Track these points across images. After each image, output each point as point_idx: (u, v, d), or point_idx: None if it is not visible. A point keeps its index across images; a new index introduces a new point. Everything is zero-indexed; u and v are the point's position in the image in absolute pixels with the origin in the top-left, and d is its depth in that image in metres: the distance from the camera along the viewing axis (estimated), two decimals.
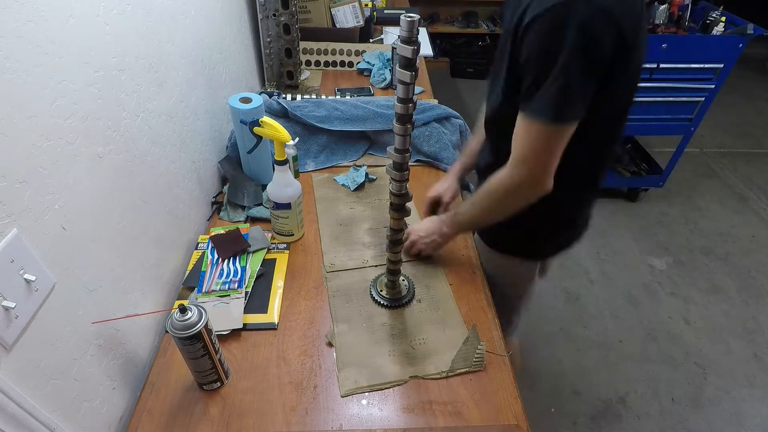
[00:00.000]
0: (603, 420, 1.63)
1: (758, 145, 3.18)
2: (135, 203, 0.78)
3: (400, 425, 0.73)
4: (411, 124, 0.68)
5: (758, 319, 1.99)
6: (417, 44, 0.60)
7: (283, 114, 1.27)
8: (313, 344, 0.84)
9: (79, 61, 0.62)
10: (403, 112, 0.66)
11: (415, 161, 1.30)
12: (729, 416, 1.65)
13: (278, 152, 0.93)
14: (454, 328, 0.87)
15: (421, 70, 1.81)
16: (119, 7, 0.72)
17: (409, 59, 0.61)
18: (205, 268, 0.94)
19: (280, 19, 1.44)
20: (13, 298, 0.51)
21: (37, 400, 0.55)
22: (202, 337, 0.68)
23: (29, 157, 0.54)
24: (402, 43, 0.60)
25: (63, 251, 0.60)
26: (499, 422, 0.73)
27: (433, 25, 3.79)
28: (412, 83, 0.63)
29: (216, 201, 1.15)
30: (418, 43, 0.60)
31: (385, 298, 0.91)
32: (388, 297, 0.91)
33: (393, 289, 0.91)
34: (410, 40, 0.59)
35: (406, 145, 0.70)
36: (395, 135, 0.69)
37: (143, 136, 0.80)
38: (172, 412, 0.74)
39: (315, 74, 1.71)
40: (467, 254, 1.03)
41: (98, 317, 0.67)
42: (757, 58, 4.15)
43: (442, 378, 0.79)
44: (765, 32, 2.03)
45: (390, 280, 0.90)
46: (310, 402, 0.75)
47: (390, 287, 0.91)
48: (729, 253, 2.31)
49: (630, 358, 1.82)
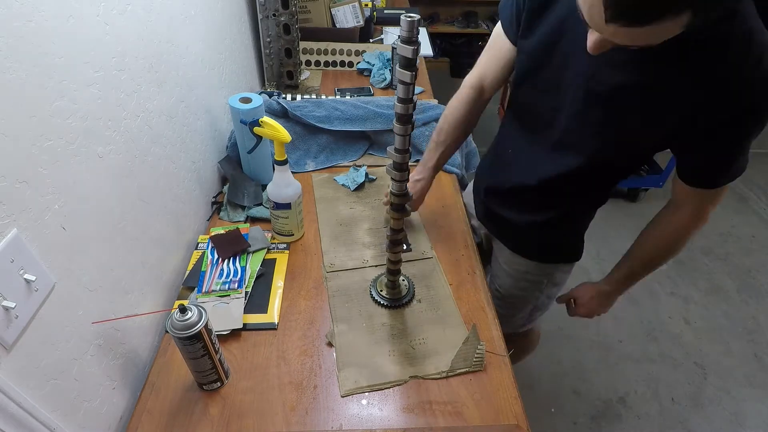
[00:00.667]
0: (603, 420, 1.63)
1: (758, 145, 3.16)
2: (135, 203, 0.78)
3: (400, 425, 0.73)
4: (411, 124, 0.67)
5: (758, 319, 1.99)
6: (417, 44, 0.59)
7: (283, 114, 1.27)
8: (313, 344, 0.84)
9: (79, 61, 0.62)
10: (403, 112, 0.65)
11: (415, 161, 1.30)
12: (729, 416, 1.65)
13: (278, 152, 0.93)
14: (454, 328, 0.87)
15: (421, 70, 1.81)
16: (119, 7, 0.72)
17: (409, 59, 0.60)
18: (205, 268, 0.94)
19: (280, 19, 1.44)
20: (13, 298, 0.51)
21: (37, 400, 0.55)
22: (202, 337, 0.68)
23: (29, 157, 0.54)
24: (402, 43, 0.60)
25: (63, 251, 0.60)
26: (499, 422, 0.73)
27: (433, 25, 3.79)
28: (413, 83, 0.63)
29: (216, 201, 1.15)
30: (418, 43, 0.59)
31: (385, 298, 0.91)
32: (388, 297, 0.91)
33: (393, 289, 0.91)
34: (410, 40, 0.59)
35: (407, 145, 0.70)
36: (395, 135, 0.69)
37: (143, 136, 0.80)
38: (172, 412, 0.74)
39: (315, 74, 1.71)
40: (467, 254, 1.03)
41: (98, 317, 0.67)
42: None
43: (442, 378, 0.79)
44: None
45: (390, 280, 0.90)
46: (310, 402, 0.75)
47: (390, 287, 0.91)
48: (729, 253, 2.31)
49: (630, 358, 1.83)
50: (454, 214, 1.14)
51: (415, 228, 1.09)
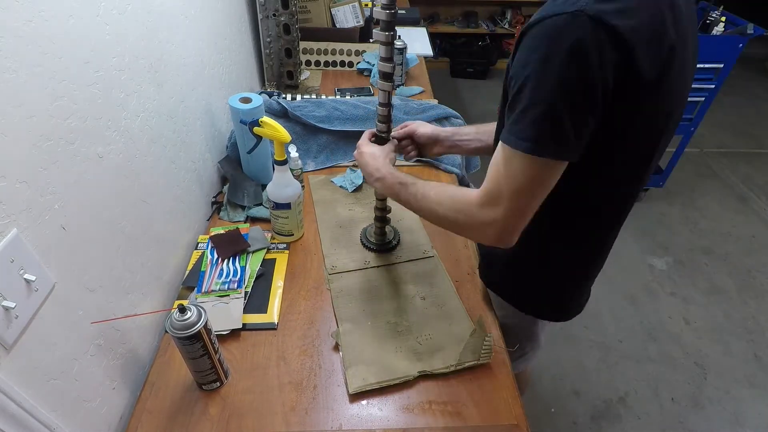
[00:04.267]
0: (603, 420, 1.63)
1: (758, 145, 3.18)
2: (135, 203, 0.78)
3: (400, 425, 0.73)
4: (393, 81, 0.80)
5: (758, 319, 1.99)
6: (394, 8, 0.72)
7: (283, 114, 1.27)
8: (312, 344, 0.84)
9: (79, 61, 0.63)
10: (387, 71, 0.78)
11: (415, 161, 1.30)
12: (729, 416, 1.65)
13: (278, 152, 0.93)
14: (460, 323, 0.87)
15: (421, 70, 1.81)
16: (119, 7, 0.72)
17: (388, 23, 0.73)
18: (205, 268, 0.94)
19: (280, 19, 1.44)
20: (13, 298, 0.52)
21: (37, 400, 0.55)
22: (201, 337, 0.68)
23: (29, 157, 0.54)
24: (382, 9, 0.71)
25: (63, 251, 0.60)
26: (499, 422, 0.73)
27: (433, 25, 3.79)
28: (391, 43, 0.76)
29: (216, 201, 1.15)
30: (395, 8, 0.72)
31: (374, 243, 1.03)
32: (376, 242, 1.03)
33: (381, 236, 1.03)
34: (390, 5, 0.71)
35: (388, 99, 0.82)
36: (380, 91, 0.82)
37: (143, 136, 0.80)
38: (171, 412, 0.74)
39: (315, 74, 1.71)
40: (467, 254, 1.03)
41: (98, 317, 0.67)
42: (757, 58, 4.15)
43: (450, 372, 0.79)
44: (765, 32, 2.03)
45: (378, 227, 1.01)
46: (309, 402, 0.75)
47: (379, 234, 1.03)
48: (729, 253, 2.31)
49: (630, 358, 1.82)
50: None
51: (415, 228, 1.09)
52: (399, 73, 1.63)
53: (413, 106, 1.37)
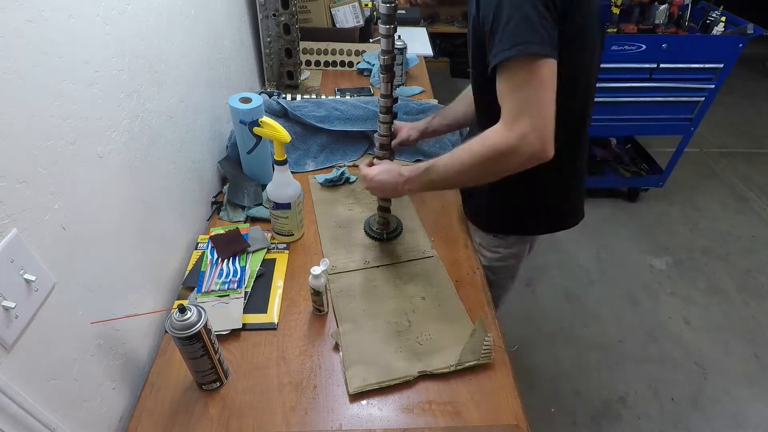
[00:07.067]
0: (603, 420, 1.63)
1: (758, 145, 3.18)
2: (135, 203, 0.78)
3: (400, 425, 0.73)
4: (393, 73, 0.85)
5: (758, 319, 1.99)
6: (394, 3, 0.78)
7: (283, 114, 1.27)
8: (312, 344, 0.84)
9: (79, 61, 0.63)
10: (387, 64, 0.83)
11: (415, 161, 1.30)
12: (729, 416, 1.65)
13: (278, 152, 0.93)
14: (460, 323, 0.87)
15: (421, 70, 1.81)
16: (119, 7, 0.72)
17: (389, 16, 0.78)
18: (205, 268, 0.94)
19: (280, 19, 1.44)
20: (13, 298, 0.52)
21: (37, 400, 0.55)
22: (201, 337, 0.68)
23: (29, 157, 0.54)
24: (383, 3, 0.77)
25: (63, 251, 0.60)
26: (499, 422, 0.73)
27: (433, 25, 3.78)
28: (392, 35, 0.81)
29: (216, 201, 1.15)
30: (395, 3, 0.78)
31: (377, 232, 1.05)
32: (381, 231, 1.05)
33: (385, 225, 1.05)
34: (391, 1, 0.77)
35: (390, 91, 0.86)
36: (381, 83, 0.87)
37: (143, 136, 0.80)
38: (171, 412, 0.74)
39: (315, 74, 1.71)
40: (467, 254, 1.03)
41: (98, 317, 0.67)
42: (757, 58, 4.15)
43: (450, 372, 0.79)
44: (765, 32, 2.03)
45: (381, 216, 1.03)
46: (309, 402, 0.75)
47: (382, 223, 1.05)
48: (729, 253, 2.31)
49: (630, 358, 1.82)
50: (453, 214, 1.14)
51: (415, 227, 1.09)
52: (399, 73, 1.63)
53: (413, 106, 1.37)
